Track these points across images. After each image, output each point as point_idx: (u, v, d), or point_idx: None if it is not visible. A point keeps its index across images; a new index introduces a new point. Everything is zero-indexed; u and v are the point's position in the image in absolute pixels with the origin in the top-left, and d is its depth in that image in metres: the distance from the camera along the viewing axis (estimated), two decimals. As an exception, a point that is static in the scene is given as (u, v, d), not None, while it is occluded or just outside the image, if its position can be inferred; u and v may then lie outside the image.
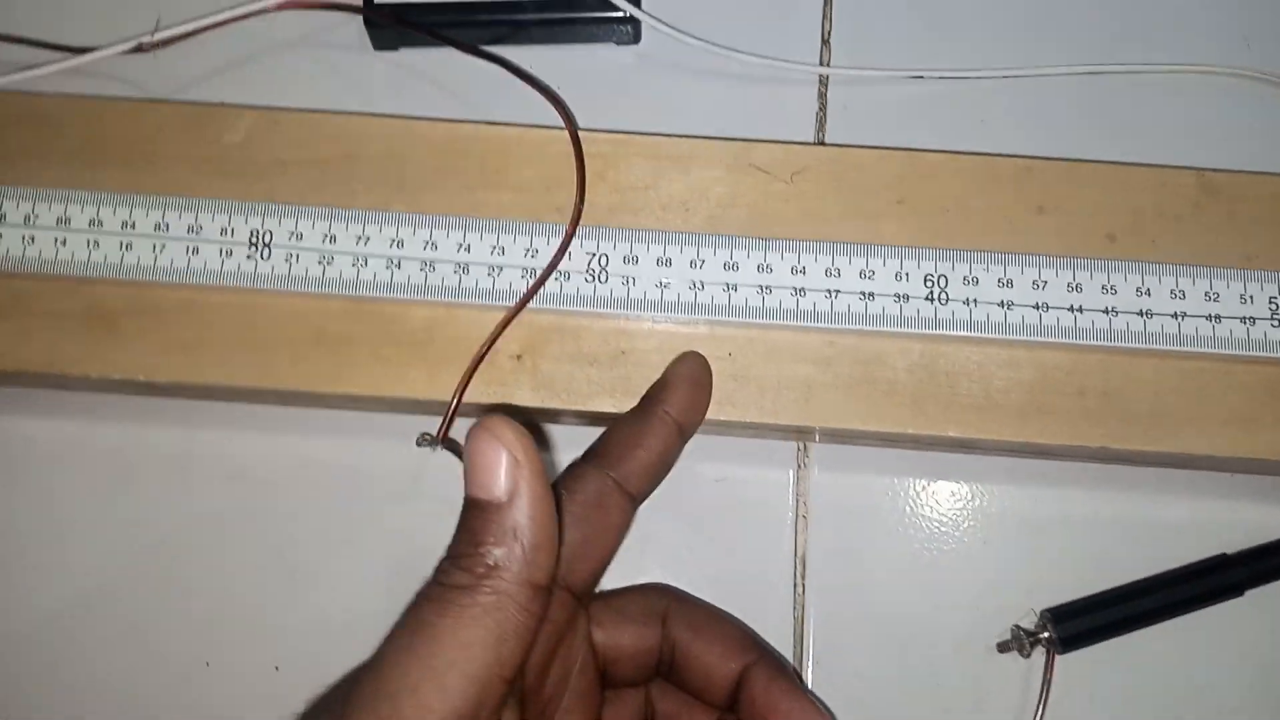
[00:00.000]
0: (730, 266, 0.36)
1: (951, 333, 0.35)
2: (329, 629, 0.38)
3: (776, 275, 0.36)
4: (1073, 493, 0.38)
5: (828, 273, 0.36)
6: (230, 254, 0.36)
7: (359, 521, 0.39)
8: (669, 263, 0.36)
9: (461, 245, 0.36)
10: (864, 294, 0.35)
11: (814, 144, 0.41)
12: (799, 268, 0.36)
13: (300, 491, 0.39)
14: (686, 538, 0.39)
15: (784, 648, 0.38)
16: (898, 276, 0.36)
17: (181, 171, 0.37)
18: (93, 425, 0.39)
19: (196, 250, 0.36)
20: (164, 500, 0.39)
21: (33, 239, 0.36)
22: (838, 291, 0.35)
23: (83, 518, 0.39)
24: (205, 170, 0.37)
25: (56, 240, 0.36)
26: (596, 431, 0.34)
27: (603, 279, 0.36)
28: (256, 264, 0.36)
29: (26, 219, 0.36)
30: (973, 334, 0.35)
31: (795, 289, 0.35)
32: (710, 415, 0.35)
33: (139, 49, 0.39)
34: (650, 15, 0.42)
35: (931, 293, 0.35)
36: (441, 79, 0.43)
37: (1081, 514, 0.39)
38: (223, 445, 0.39)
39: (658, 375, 0.36)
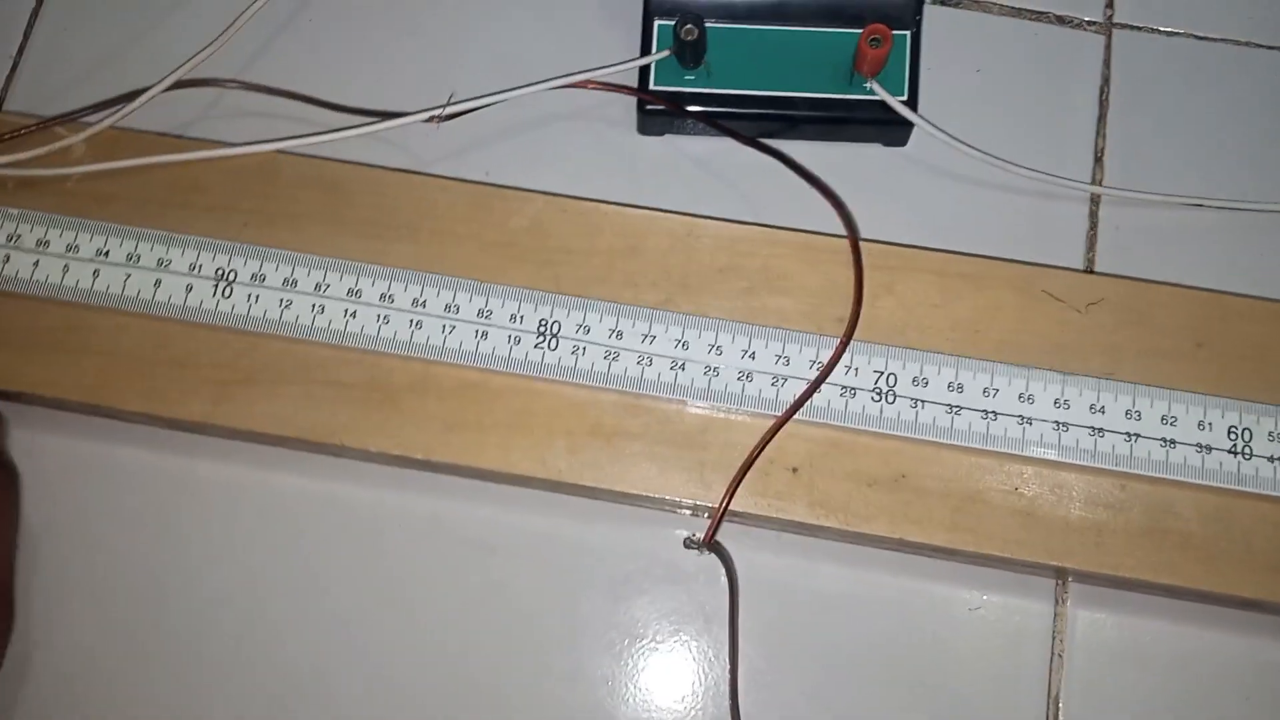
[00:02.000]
0: (1026, 399, 0.35)
1: (1253, 490, 0.34)
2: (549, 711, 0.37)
3: (1075, 412, 0.35)
4: (1352, 659, 0.37)
5: (1128, 415, 0.35)
6: (518, 341, 0.36)
7: (594, 606, 0.38)
8: (960, 389, 0.35)
9: (745, 352, 0.36)
10: (1165, 440, 0.34)
11: (1094, 272, 0.40)
12: (1098, 406, 0.35)
13: (539, 570, 0.39)
14: (937, 664, 0.38)
15: (1030, 788, 0.37)
16: (1200, 426, 0.34)
17: (469, 251, 0.37)
18: (349, 488, 0.39)
19: (485, 335, 0.36)
20: (410, 563, 0.39)
21: (323, 308, 0.36)
22: (1138, 435, 0.34)
23: (330, 575, 0.39)
24: (493, 252, 0.37)
25: (346, 312, 0.36)
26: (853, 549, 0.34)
27: (890, 399, 0.35)
28: (544, 354, 0.36)
29: (318, 287, 0.37)
30: (1277, 493, 0.34)
31: (1093, 429, 0.35)
32: (995, 551, 0.35)
33: (431, 120, 0.39)
34: (926, 121, 0.41)
35: (1235, 446, 0.34)
36: (709, 169, 0.42)
37: (1357, 681, 0.37)
38: (474, 517, 0.39)
39: (939, 504, 0.35)
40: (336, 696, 0.38)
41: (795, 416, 0.35)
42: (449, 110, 0.40)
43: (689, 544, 0.34)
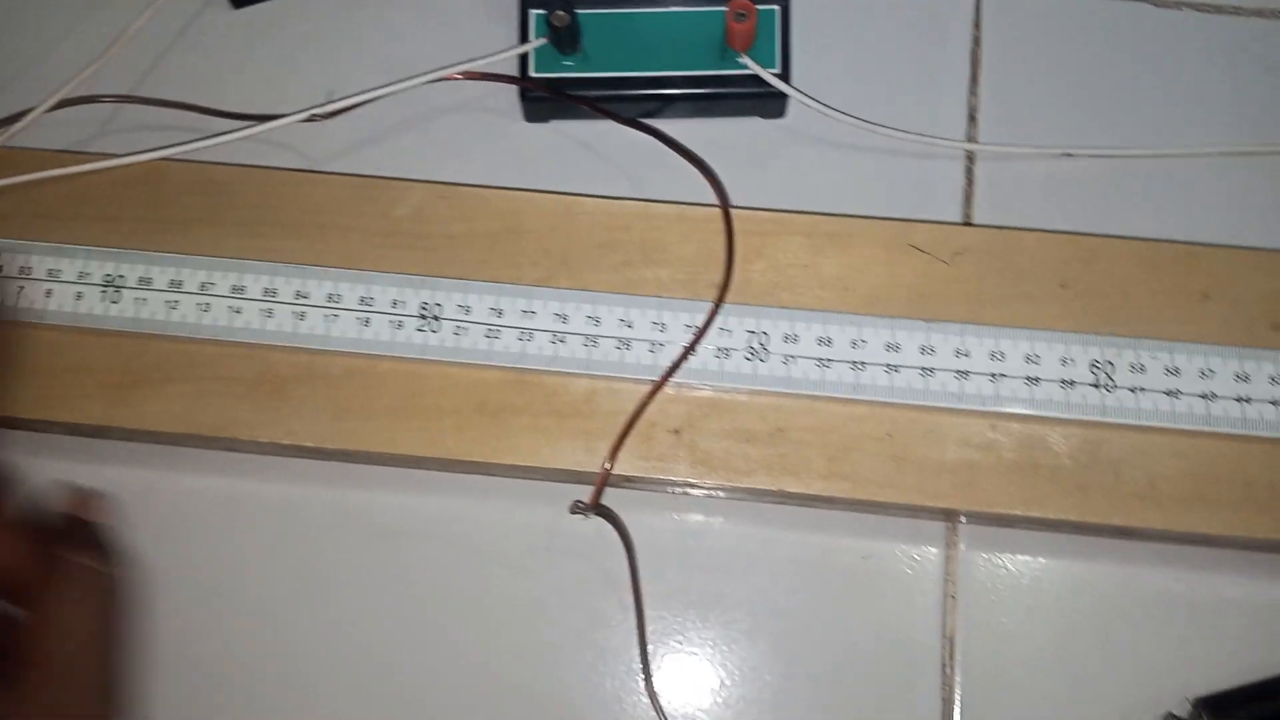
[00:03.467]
0: (892, 348, 0.36)
1: (1118, 420, 0.35)
2: (464, 686, 0.38)
3: (940, 357, 0.36)
4: (1230, 579, 0.38)
5: (993, 356, 0.36)
6: (401, 325, 0.37)
7: (495, 583, 0.39)
8: (829, 342, 0.36)
9: (624, 321, 0.37)
10: (1029, 379, 0.35)
11: (971, 224, 0.41)
12: (963, 350, 0.36)
13: (446, 551, 0.39)
14: (832, 614, 0.39)
15: (931, 728, 0.38)
16: (1064, 361, 0.35)
17: (353, 243, 0.38)
18: (254, 484, 0.40)
19: (368, 321, 0.37)
20: (319, 554, 0.39)
21: (208, 306, 0.37)
22: (1003, 375, 0.35)
23: (245, 572, 0.40)
24: (376, 242, 0.38)
25: (231, 308, 0.37)
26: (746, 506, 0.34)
27: (763, 357, 0.36)
28: (427, 336, 0.37)
29: (203, 286, 0.38)
30: (1140, 422, 0.35)
31: (959, 372, 0.36)
32: (869, 496, 0.36)
33: (311, 119, 0.40)
34: (798, 91, 0.42)
35: (1098, 379, 0.35)
36: (593, 150, 0.43)
37: (1238, 600, 0.38)
38: (377, 504, 0.40)
39: (815, 454, 0.36)
40: (251, 691, 0.39)
41: (675, 380, 0.36)
42: (329, 108, 0.41)
43: (576, 509, 0.35)
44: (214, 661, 0.39)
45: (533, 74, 0.42)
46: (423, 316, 0.37)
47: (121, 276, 0.38)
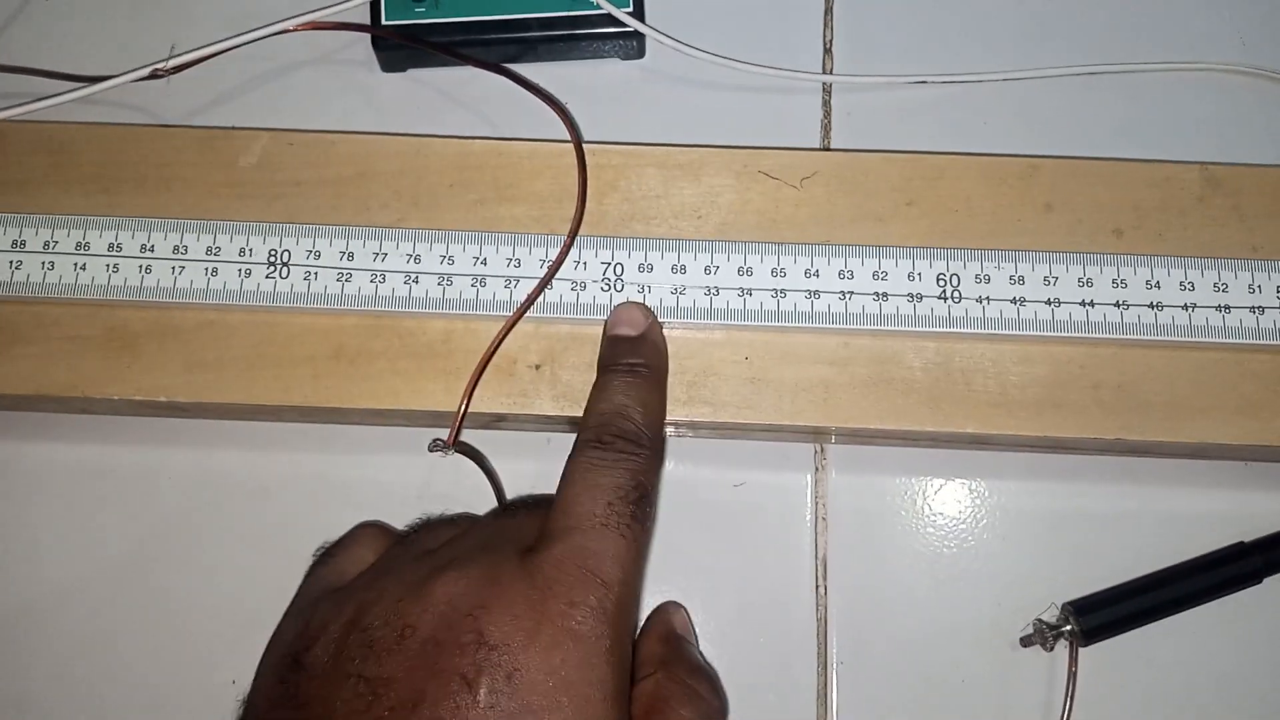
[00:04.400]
0: (744, 272, 0.36)
1: (965, 330, 0.36)
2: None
3: (790, 279, 0.36)
4: (1090, 486, 0.39)
5: (841, 275, 0.36)
6: (249, 274, 0.36)
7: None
8: (683, 270, 0.36)
9: (478, 259, 0.37)
10: (878, 295, 0.36)
11: (821, 149, 0.42)
12: (812, 271, 0.36)
13: (317, 506, 0.39)
14: (707, 543, 0.39)
15: (807, 649, 0.38)
16: (910, 277, 0.36)
17: (198, 195, 0.38)
18: (115, 448, 0.39)
19: (215, 271, 0.36)
20: (186, 518, 0.39)
21: (52, 264, 0.37)
22: (852, 293, 0.36)
23: (96, 538, 0.39)
24: (222, 193, 0.38)
25: (76, 265, 0.37)
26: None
27: (619, 288, 0.36)
28: (275, 283, 0.36)
29: (46, 245, 0.37)
30: (986, 331, 0.36)
31: (810, 292, 0.36)
32: (729, 419, 0.36)
33: (154, 75, 0.39)
34: (654, 30, 0.42)
35: (945, 292, 0.36)
36: (450, 98, 0.43)
37: (1099, 507, 0.39)
38: (243, 463, 0.39)
39: (674, 381, 0.36)
40: (124, 659, 0.38)
41: (533, 315, 0.36)
42: (173, 63, 0.40)
43: (434, 447, 0.35)
44: (81, 632, 0.38)
45: (384, 22, 0.42)
46: (271, 264, 0.36)
47: (-40, 240, 0.37)
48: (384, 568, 0.33)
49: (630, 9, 0.42)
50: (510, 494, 0.38)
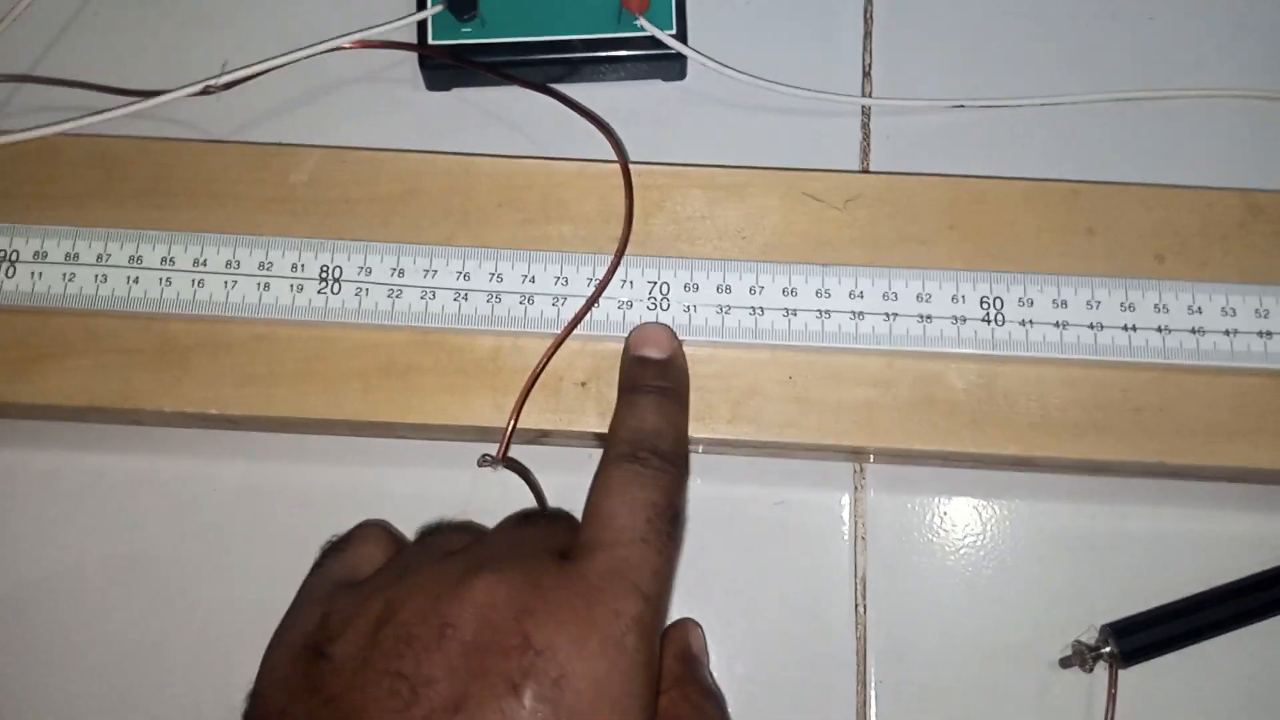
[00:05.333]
0: (789, 292, 0.37)
1: (1009, 353, 0.36)
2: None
3: (835, 300, 0.36)
4: (1130, 508, 0.39)
5: (885, 296, 0.36)
6: (301, 289, 0.37)
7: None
8: (729, 289, 0.37)
9: (526, 277, 0.37)
10: (922, 316, 0.36)
11: (862, 172, 0.42)
12: (857, 292, 0.36)
13: (360, 518, 0.39)
14: (746, 561, 0.39)
15: (846, 667, 0.38)
16: (955, 299, 0.36)
17: (249, 210, 0.38)
18: (160, 459, 0.39)
19: (268, 286, 0.37)
20: (230, 529, 0.39)
21: (105, 277, 0.37)
22: (896, 314, 0.36)
23: (140, 549, 0.39)
24: (273, 209, 0.38)
25: (129, 279, 0.37)
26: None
27: (664, 306, 0.37)
28: (327, 299, 0.37)
29: (99, 258, 0.37)
30: (1029, 354, 0.36)
31: (854, 313, 0.36)
32: (774, 438, 0.36)
33: (205, 91, 0.40)
34: (696, 52, 0.43)
35: (988, 314, 0.36)
36: (495, 117, 0.44)
37: (1139, 529, 0.39)
38: (288, 474, 0.40)
39: (719, 399, 0.36)
40: (169, 673, 0.38)
41: (580, 333, 0.37)
42: (224, 79, 0.40)
43: (483, 462, 0.35)
44: (130, 641, 0.39)
45: (431, 41, 0.42)
46: (323, 279, 0.37)
47: (16, 251, 0.37)
48: (406, 565, 0.32)
49: (674, 32, 0.43)
50: (552, 504, 0.38)
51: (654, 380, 0.35)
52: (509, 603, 0.29)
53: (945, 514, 0.40)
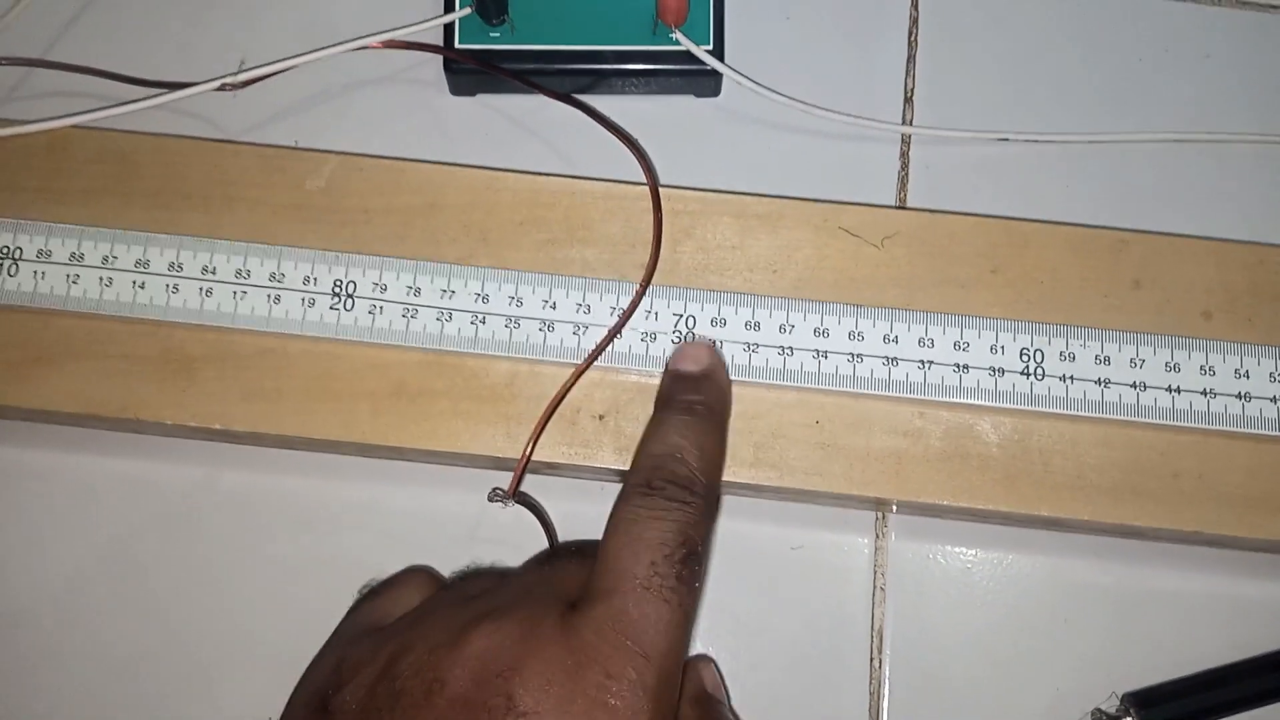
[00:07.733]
0: (820, 333, 0.35)
1: (1047, 410, 0.34)
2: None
3: (869, 344, 0.35)
4: (1159, 572, 0.38)
5: (921, 343, 0.35)
6: (313, 303, 0.35)
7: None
8: (757, 326, 0.35)
9: (547, 302, 0.36)
10: (958, 366, 0.35)
11: (902, 208, 0.41)
12: (891, 336, 0.35)
13: (363, 539, 0.38)
14: (761, 605, 0.38)
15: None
16: (993, 349, 0.35)
17: (262, 216, 0.37)
18: (161, 467, 0.38)
19: (278, 299, 0.35)
20: (229, 544, 0.38)
21: (110, 281, 0.36)
22: (931, 363, 0.35)
23: (137, 563, 0.38)
24: (286, 216, 0.37)
25: (135, 283, 0.36)
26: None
27: (690, 340, 0.35)
28: (339, 315, 0.35)
29: (105, 260, 0.36)
30: (1069, 411, 0.34)
31: (887, 358, 0.35)
32: (796, 484, 0.35)
33: (222, 88, 0.38)
34: (733, 69, 0.41)
35: (1028, 367, 0.35)
36: (520, 125, 0.42)
37: (1167, 594, 0.38)
38: (292, 490, 0.38)
39: (742, 441, 0.35)
40: (159, 683, 0.37)
41: (600, 364, 0.35)
42: (242, 77, 0.39)
43: (494, 497, 0.34)
44: (120, 653, 0.37)
45: (457, 45, 0.41)
46: (336, 294, 0.35)
47: (19, 249, 0.36)
48: (423, 612, 0.31)
49: (710, 47, 0.41)
50: (562, 540, 0.37)
51: (684, 395, 0.33)
52: (500, 658, 0.28)
53: (968, 567, 0.38)
